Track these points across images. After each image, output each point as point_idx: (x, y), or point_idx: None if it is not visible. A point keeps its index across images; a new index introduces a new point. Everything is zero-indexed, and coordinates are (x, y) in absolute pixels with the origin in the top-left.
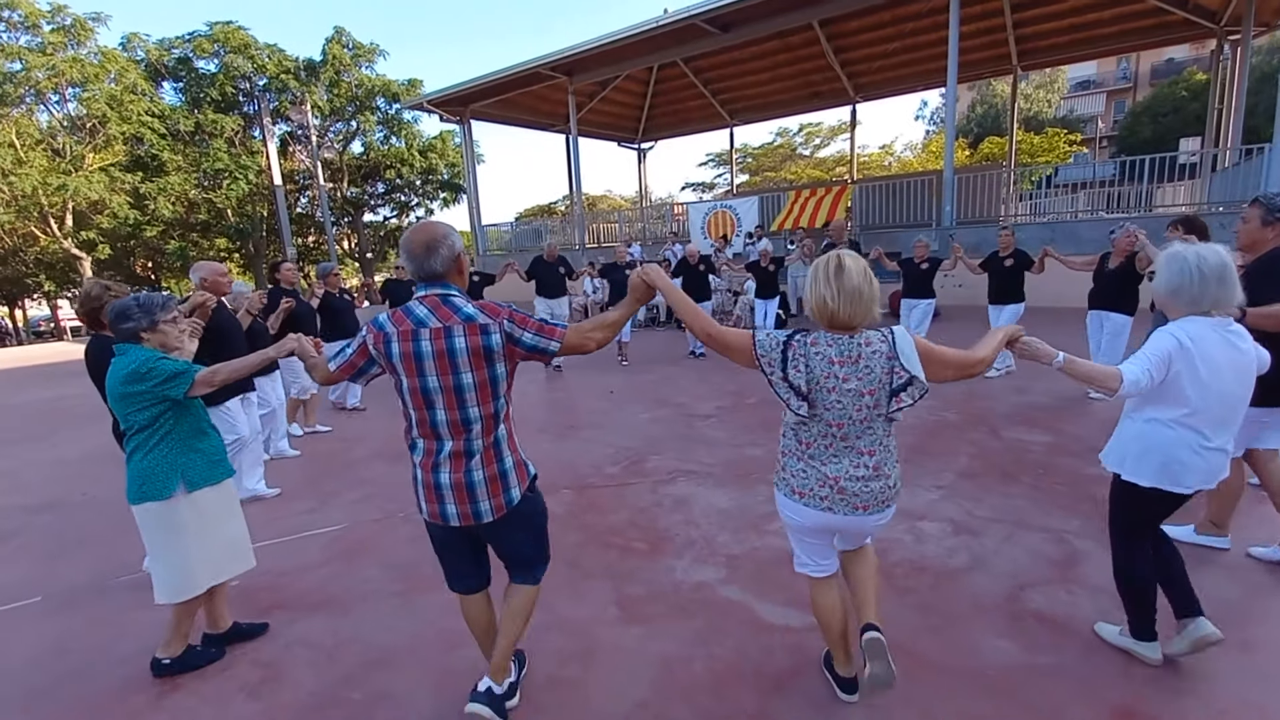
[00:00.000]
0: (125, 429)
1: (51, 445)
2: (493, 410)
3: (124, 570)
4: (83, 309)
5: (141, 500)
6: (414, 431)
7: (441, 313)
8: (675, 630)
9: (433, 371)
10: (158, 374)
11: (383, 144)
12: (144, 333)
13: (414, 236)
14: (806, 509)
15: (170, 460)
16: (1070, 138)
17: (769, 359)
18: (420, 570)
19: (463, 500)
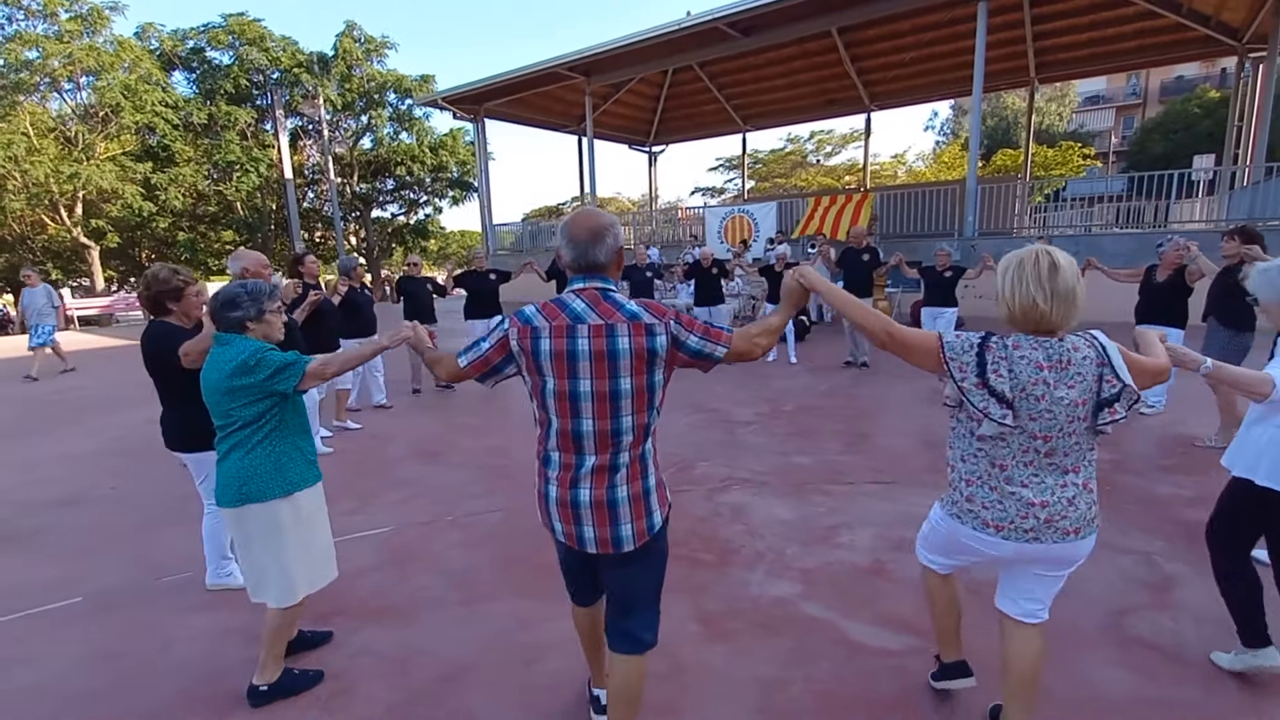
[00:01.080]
0: (223, 425)
1: (66, 437)
2: (645, 422)
3: (161, 571)
4: (148, 292)
5: (241, 502)
6: (550, 442)
7: (602, 308)
8: (763, 650)
9: (587, 374)
10: (267, 366)
11: (393, 139)
12: (250, 323)
13: (579, 221)
14: (1006, 543)
15: (274, 460)
16: (1084, 151)
17: (960, 362)
18: (478, 578)
19: (603, 522)
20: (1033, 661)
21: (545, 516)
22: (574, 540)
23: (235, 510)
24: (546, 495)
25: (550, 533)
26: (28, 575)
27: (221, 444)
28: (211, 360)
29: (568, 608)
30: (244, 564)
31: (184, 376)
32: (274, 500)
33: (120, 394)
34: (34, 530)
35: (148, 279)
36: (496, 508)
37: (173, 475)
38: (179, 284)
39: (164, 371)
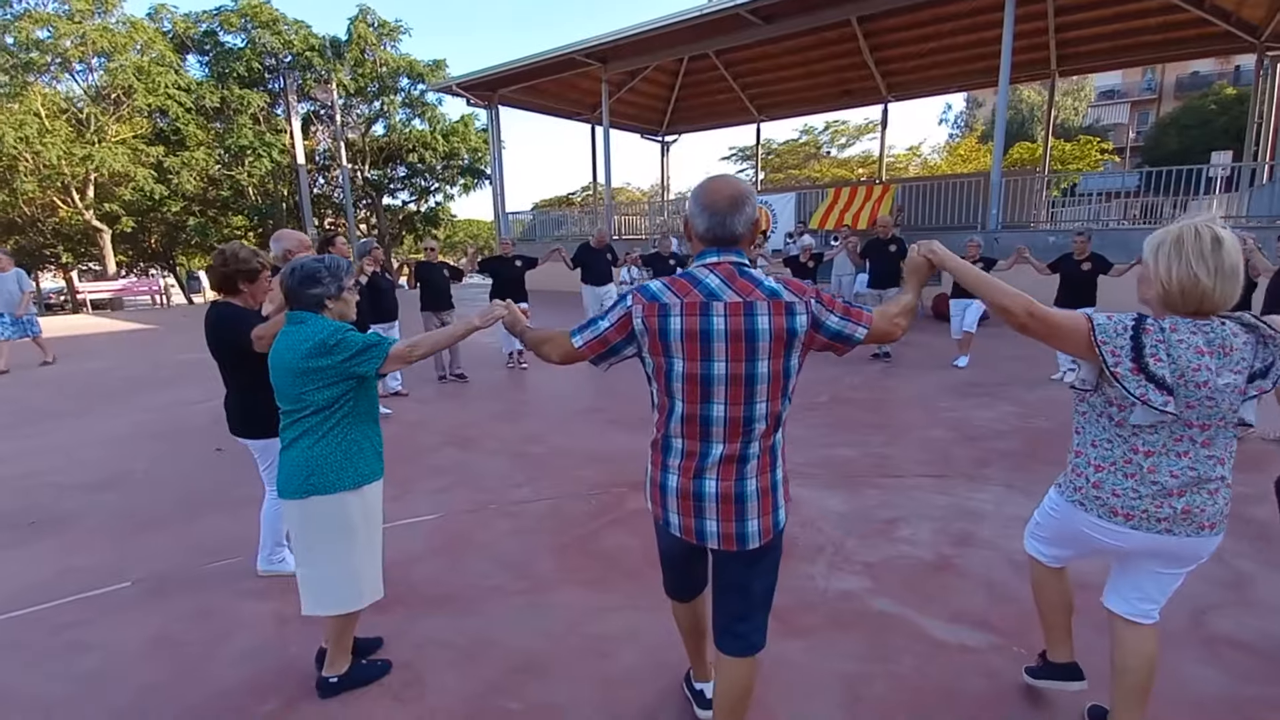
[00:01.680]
0: (291, 410)
1: (98, 419)
2: (779, 409)
3: (209, 555)
4: (224, 269)
5: (306, 494)
6: (671, 428)
7: (739, 284)
8: (841, 645)
9: (721, 355)
10: (348, 347)
11: (405, 126)
12: (329, 300)
13: (717, 188)
14: (1135, 533)
15: (345, 449)
16: (1102, 146)
17: (1112, 346)
18: (536, 567)
19: (729, 517)
20: (1149, 665)
21: (658, 507)
22: (691, 534)
23: (299, 503)
24: (663, 484)
25: (658, 523)
26: (73, 559)
27: (287, 430)
28: (284, 340)
29: (635, 600)
30: (302, 568)
31: (254, 360)
32: (342, 493)
33: (143, 376)
34: (74, 513)
35: (225, 255)
36: (541, 496)
37: (208, 459)
38: (257, 265)
39: (232, 355)
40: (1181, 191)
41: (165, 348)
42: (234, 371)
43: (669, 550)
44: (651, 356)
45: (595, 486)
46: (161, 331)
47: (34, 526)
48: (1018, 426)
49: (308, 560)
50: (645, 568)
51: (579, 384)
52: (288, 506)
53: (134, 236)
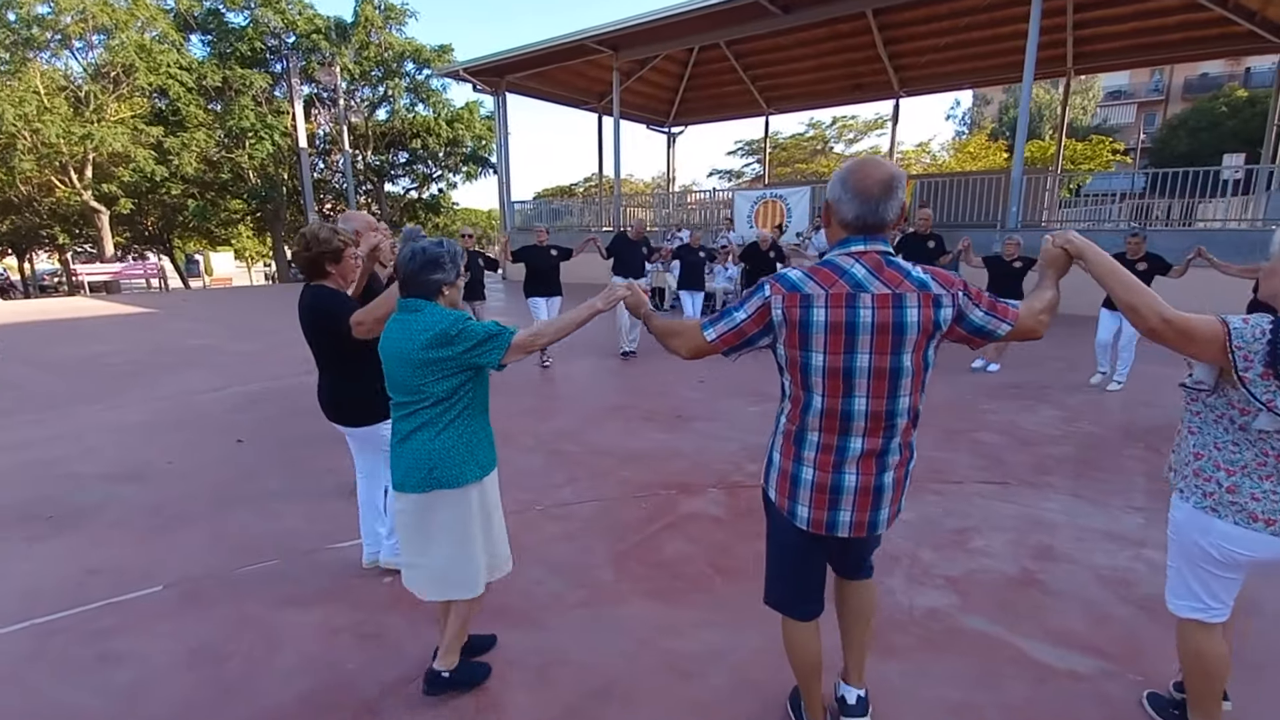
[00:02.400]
0: (408, 401)
1: (107, 406)
2: (919, 403)
3: (243, 557)
4: (308, 253)
5: (430, 487)
6: (808, 421)
7: (887, 275)
8: (940, 669)
9: (866, 348)
10: (470, 336)
11: (409, 111)
12: (447, 287)
13: (868, 172)
14: (1276, 539)
15: (466, 440)
16: (1115, 146)
17: (1246, 351)
18: (594, 576)
19: (864, 507)
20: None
21: (785, 498)
22: (821, 526)
23: (421, 497)
24: (795, 477)
25: (780, 514)
26: (98, 558)
27: (403, 422)
28: (400, 329)
29: (709, 615)
30: (420, 558)
31: (354, 346)
32: (466, 485)
33: (149, 362)
34: (95, 507)
35: (306, 239)
36: (585, 498)
37: (230, 450)
38: (339, 244)
39: (330, 341)
40: (1191, 194)
41: (169, 333)
42: (333, 357)
43: (787, 543)
44: (787, 349)
45: (640, 488)
46: (162, 316)
47: (52, 521)
48: (1066, 431)
49: (424, 551)
50: (714, 578)
51: (603, 380)
52: (404, 500)
53: (131, 218)
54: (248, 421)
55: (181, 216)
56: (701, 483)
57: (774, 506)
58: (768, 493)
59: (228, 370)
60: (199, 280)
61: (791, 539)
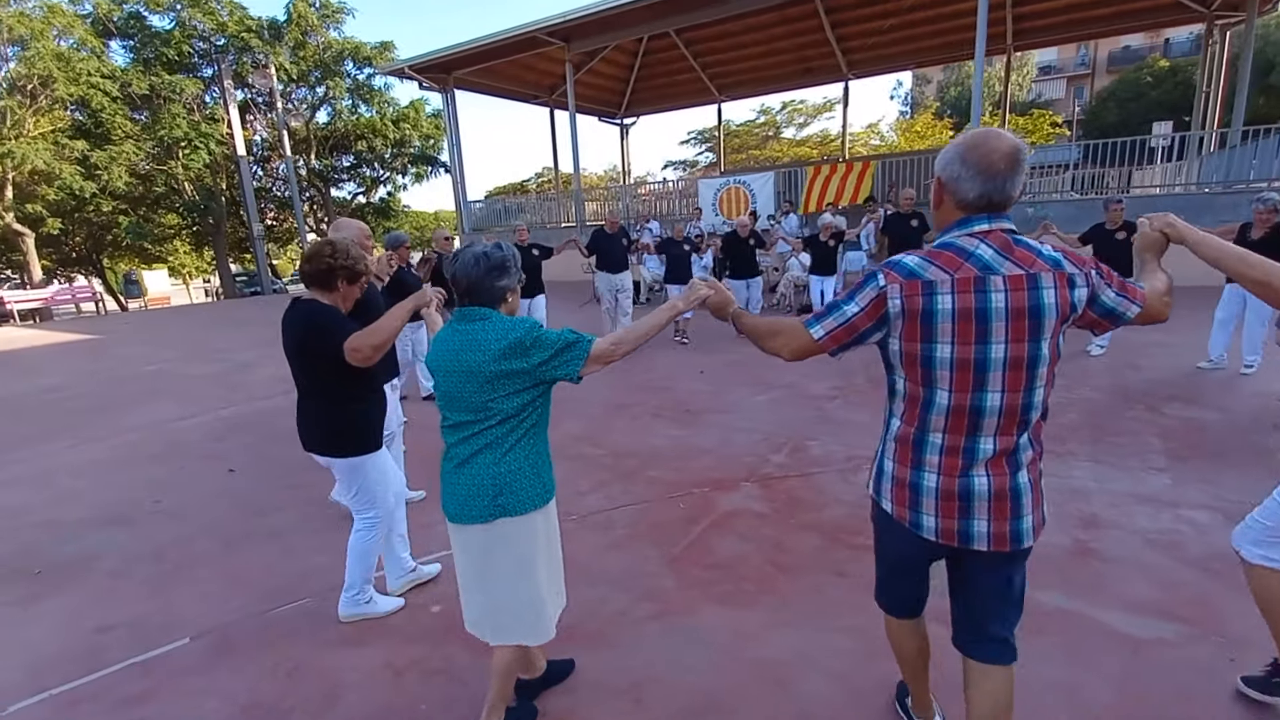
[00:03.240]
0: (471, 420)
1: (74, 444)
2: (1049, 395)
3: (269, 597)
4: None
5: (494, 515)
6: (929, 420)
7: (1018, 255)
8: (1031, 648)
9: (1000, 337)
10: (545, 345)
11: (351, 113)
12: (510, 294)
13: (993, 145)
14: None
15: (533, 461)
16: (1053, 120)
17: None
18: (655, 585)
19: (1003, 515)
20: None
21: (904, 508)
22: (953, 536)
23: (484, 528)
24: (915, 484)
25: (898, 528)
26: (107, 614)
27: (462, 445)
28: (463, 340)
29: (782, 615)
30: (478, 594)
31: (341, 368)
32: (532, 513)
33: (107, 393)
34: (87, 557)
35: (335, 247)
36: (619, 502)
37: (222, 481)
38: (363, 269)
39: (320, 362)
40: (1126, 163)
41: (120, 359)
42: (320, 380)
43: (905, 556)
44: (904, 342)
45: (672, 488)
46: (107, 342)
47: (42, 577)
48: (1069, 399)
49: (483, 590)
50: (777, 577)
51: (598, 376)
52: (464, 533)
53: (56, 239)
54: (230, 450)
55: (112, 235)
56: (733, 477)
57: (888, 517)
58: (880, 503)
59: (194, 396)
60: (138, 301)
61: (913, 550)
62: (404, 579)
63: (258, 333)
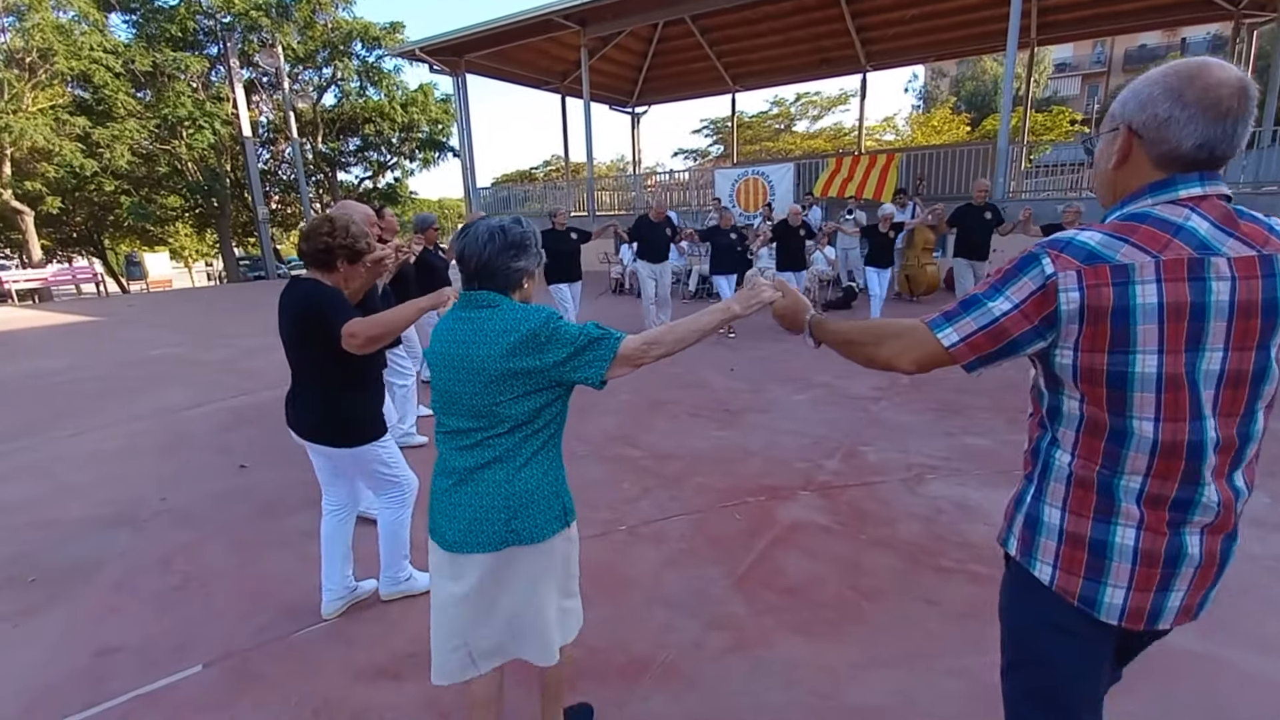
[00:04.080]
0: (476, 427)
1: (77, 431)
2: (1268, 421)
3: (297, 618)
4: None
5: (506, 543)
6: (1127, 459)
7: (1245, 230)
8: (1177, 701)
9: (1219, 342)
10: (564, 341)
11: (359, 95)
12: (527, 278)
13: (1218, 75)
14: None
15: (551, 480)
16: (1073, 117)
17: None
18: (724, 611)
19: (1201, 584)
20: None
21: (1079, 579)
22: (1141, 617)
23: (491, 557)
24: (1103, 544)
25: (1052, 605)
26: (110, 634)
27: (463, 455)
28: (467, 330)
29: (874, 651)
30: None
31: (338, 354)
32: (552, 538)
33: (112, 377)
34: (89, 564)
35: (334, 224)
36: (670, 511)
37: (233, 478)
38: (364, 247)
39: (319, 346)
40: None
41: (125, 343)
42: (318, 365)
43: (1065, 651)
44: (1083, 352)
45: (725, 496)
46: (110, 324)
47: (36, 586)
48: None
49: (484, 621)
50: (860, 604)
51: None
52: (463, 564)
53: (56, 219)
54: (240, 443)
55: (113, 215)
56: (789, 485)
57: (1039, 587)
58: (1030, 568)
59: (203, 383)
60: (139, 284)
61: (1080, 647)
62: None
63: (265, 318)
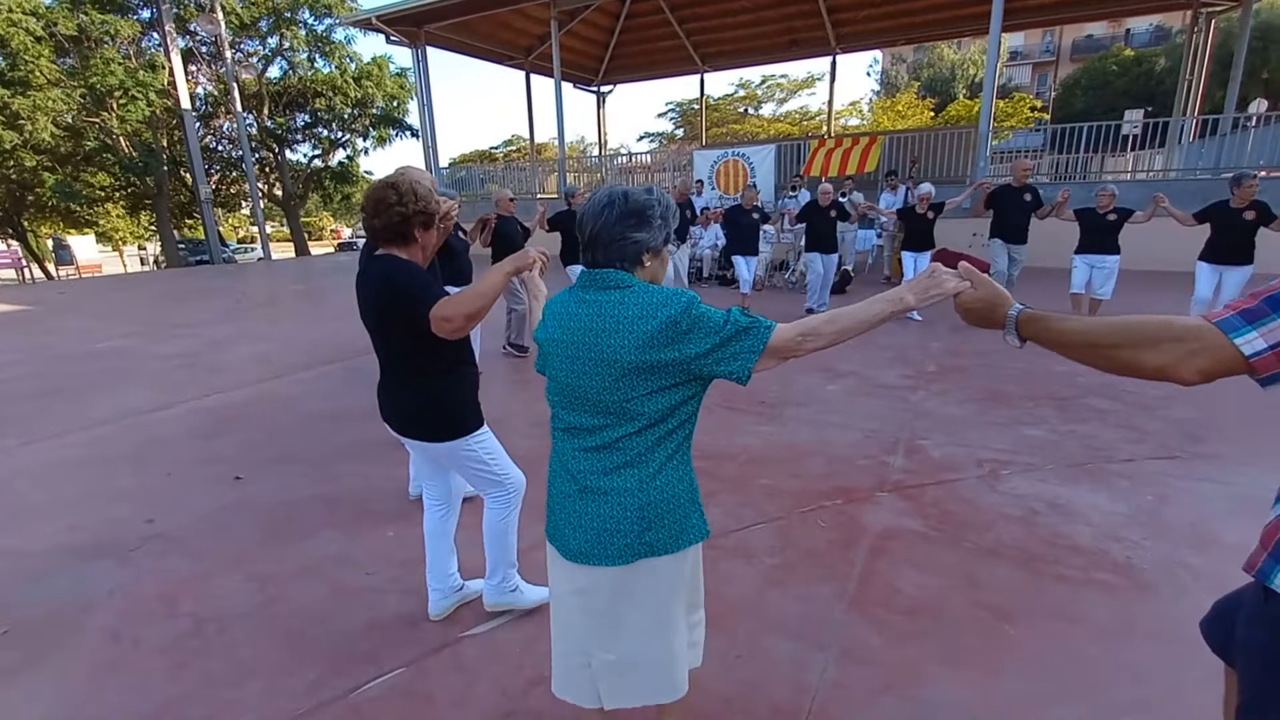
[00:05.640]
0: (604, 425)
1: (28, 439)
2: None
3: (351, 668)
4: (401, 209)
5: (639, 555)
6: None
7: None
8: None
9: None
10: (709, 328)
11: (309, 67)
12: (649, 255)
13: None
14: None
15: (687, 482)
16: (1033, 104)
17: None
18: (853, 639)
19: None
20: None
21: None
22: None
23: (622, 570)
24: None
25: None
26: (113, 700)
27: (593, 457)
28: (592, 314)
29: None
30: (604, 651)
31: (429, 337)
32: (685, 550)
33: (59, 377)
34: (67, 607)
35: (400, 190)
36: (745, 521)
37: (229, 494)
38: (435, 208)
39: (399, 329)
40: (1093, 149)
41: (65, 335)
42: (407, 352)
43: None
44: None
45: (798, 500)
46: (41, 314)
47: (10, 636)
48: (1171, 391)
49: (610, 643)
50: (995, 625)
51: None
52: (589, 575)
53: None
54: (228, 449)
55: (35, 194)
56: (862, 486)
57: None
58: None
59: (166, 381)
60: (68, 269)
61: None
62: (450, 600)
63: (221, 305)
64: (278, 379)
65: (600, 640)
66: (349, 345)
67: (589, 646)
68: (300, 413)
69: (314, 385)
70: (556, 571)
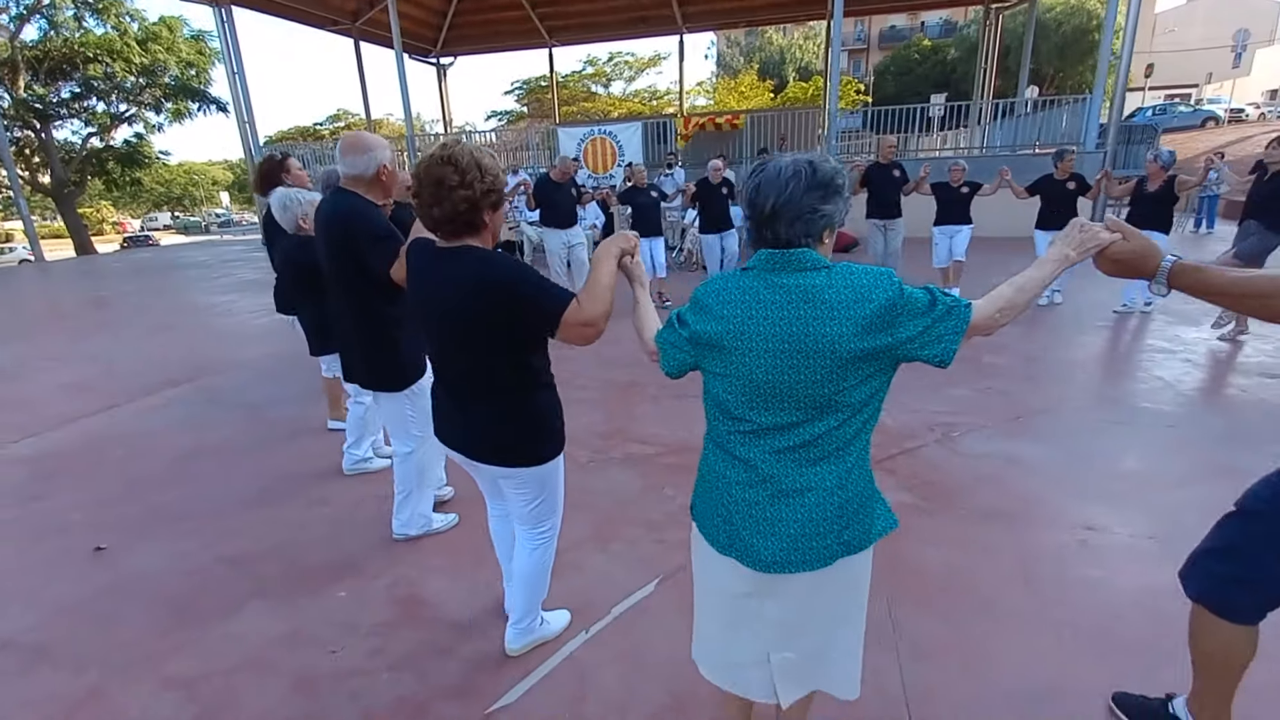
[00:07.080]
0: (805, 420)
1: None
2: None
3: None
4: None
5: (838, 555)
6: None
7: None
8: None
9: None
10: (918, 310)
11: (76, 28)
12: (828, 233)
13: None
14: None
15: (869, 473)
16: (857, 87)
17: None
18: (919, 633)
19: None
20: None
21: None
22: None
23: (814, 574)
24: None
25: None
26: None
27: (788, 458)
28: (807, 301)
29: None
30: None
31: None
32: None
33: None
34: (30, 658)
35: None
36: None
37: (94, 573)
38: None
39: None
40: (905, 129)
41: None
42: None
43: None
44: None
45: None
46: None
47: None
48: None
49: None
50: (1034, 592)
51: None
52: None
53: None
54: (70, 509)
55: None
56: None
57: None
58: None
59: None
60: None
61: None
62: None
63: None
64: (111, 411)
65: (787, 643)
66: (193, 362)
67: (772, 650)
68: (162, 453)
69: (168, 415)
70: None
